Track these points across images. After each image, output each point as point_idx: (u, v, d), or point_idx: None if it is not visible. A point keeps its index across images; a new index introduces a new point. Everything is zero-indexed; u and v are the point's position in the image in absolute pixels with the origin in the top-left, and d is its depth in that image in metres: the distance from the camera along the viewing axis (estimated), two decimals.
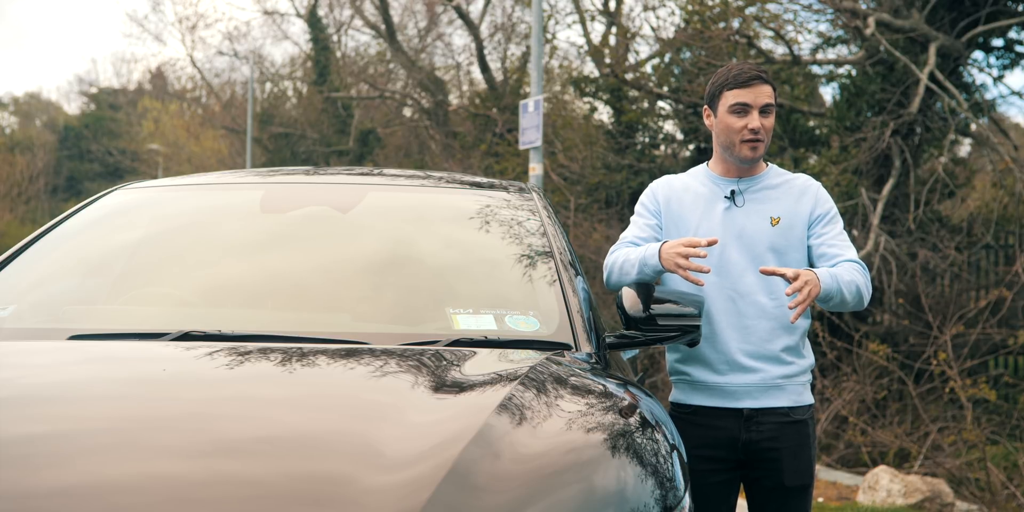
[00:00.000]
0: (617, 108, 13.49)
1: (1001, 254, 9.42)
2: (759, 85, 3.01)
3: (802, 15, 11.01)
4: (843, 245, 3.04)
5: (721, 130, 3.07)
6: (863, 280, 2.98)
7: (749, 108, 3.01)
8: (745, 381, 3.01)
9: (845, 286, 2.91)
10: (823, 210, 3.07)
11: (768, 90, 3.03)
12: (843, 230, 3.10)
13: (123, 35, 77.29)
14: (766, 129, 3.03)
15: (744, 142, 3.03)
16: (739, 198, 3.08)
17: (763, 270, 2.85)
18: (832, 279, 2.89)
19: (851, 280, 2.93)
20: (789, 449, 3.01)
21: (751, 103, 3.00)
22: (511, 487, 1.78)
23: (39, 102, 49.26)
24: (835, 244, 3.04)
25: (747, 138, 3.02)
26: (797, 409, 3.04)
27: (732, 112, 3.03)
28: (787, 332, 3.02)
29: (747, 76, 3.03)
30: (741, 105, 3.01)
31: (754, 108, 3.01)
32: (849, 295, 2.92)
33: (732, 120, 3.03)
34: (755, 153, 3.04)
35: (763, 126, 3.02)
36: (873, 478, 6.81)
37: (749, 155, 3.04)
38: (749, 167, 3.10)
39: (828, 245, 3.04)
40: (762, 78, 3.03)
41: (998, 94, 11.51)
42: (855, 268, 2.98)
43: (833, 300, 2.92)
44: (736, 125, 3.03)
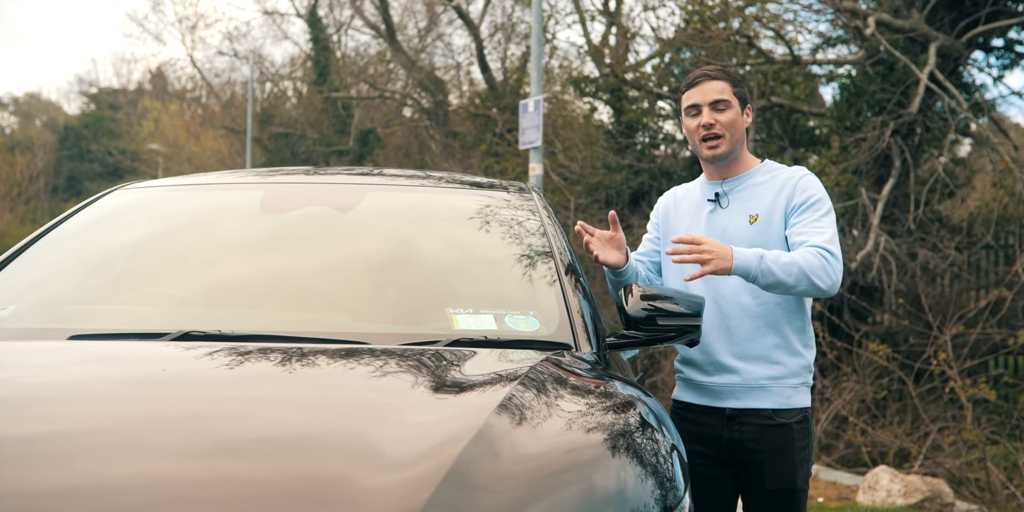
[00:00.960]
0: (617, 108, 13.49)
1: (1001, 254, 9.42)
2: (706, 82, 3.04)
3: (802, 15, 11.02)
4: (812, 231, 2.92)
5: (687, 134, 3.13)
6: (818, 264, 2.83)
7: (700, 107, 3.04)
8: (728, 381, 3.01)
9: (780, 267, 2.80)
10: (800, 199, 2.98)
11: (717, 86, 3.03)
12: (823, 217, 2.95)
13: (123, 35, 77.32)
14: (722, 124, 3.02)
15: (702, 142, 3.05)
16: (724, 199, 3.08)
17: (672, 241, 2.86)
18: (755, 257, 2.80)
19: (791, 261, 2.81)
20: (771, 452, 2.98)
21: (699, 102, 3.04)
22: (511, 487, 1.78)
23: (39, 102, 49.26)
24: (804, 231, 2.93)
25: (703, 136, 3.03)
26: (783, 412, 2.99)
27: (688, 114, 3.08)
28: (772, 330, 3.00)
29: (694, 76, 3.08)
30: (692, 106, 3.06)
31: (703, 105, 3.03)
32: (788, 277, 2.80)
33: (688, 122, 3.09)
34: (714, 152, 3.03)
35: (718, 121, 3.02)
36: (873, 478, 6.81)
37: (708, 153, 3.05)
38: (729, 167, 3.09)
39: (798, 233, 2.94)
40: (709, 76, 3.05)
41: (998, 94, 11.53)
42: (811, 252, 2.85)
43: (765, 280, 2.82)
44: (692, 125, 3.07)
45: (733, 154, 3.06)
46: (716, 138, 3.02)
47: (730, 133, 3.03)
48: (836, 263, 2.88)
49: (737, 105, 3.04)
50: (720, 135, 3.02)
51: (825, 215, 2.97)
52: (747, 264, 2.80)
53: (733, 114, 3.03)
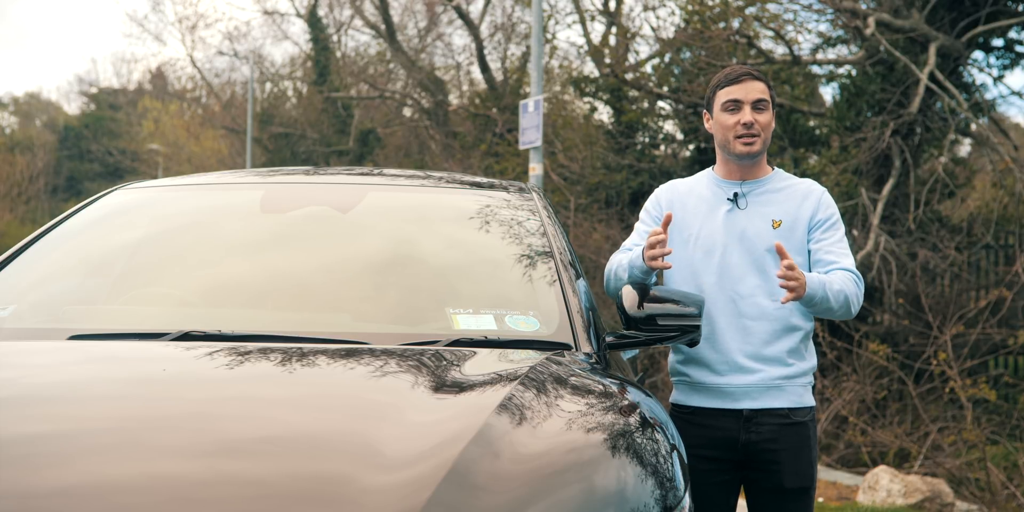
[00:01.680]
0: (617, 108, 13.49)
1: (1001, 254, 9.42)
2: (749, 81, 3.04)
3: (802, 15, 11.02)
4: (840, 253, 3.02)
5: (718, 129, 3.09)
6: (854, 291, 2.96)
7: (741, 104, 3.03)
8: (744, 382, 3.00)
9: (833, 295, 2.90)
10: (824, 215, 3.05)
11: (760, 86, 3.04)
12: (844, 238, 3.08)
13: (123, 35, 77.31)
14: (761, 125, 3.03)
15: (738, 138, 3.03)
16: (742, 200, 3.07)
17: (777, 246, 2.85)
18: (820, 285, 2.88)
19: (840, 289, 2.92)
20: (789, 451, 2.99)
21: (742, 99, 3.02)
22: (511, 487, 1.78)
23: (39, 102, 49.24)
24: (832, 251, 3.02)
25: (740, 133, 3.03)
26: (797, 411, 3.02)
27: (725, 109, 3.05)
28: (788, 334, 3.01)
29: (737, 73, 3.06)
30: (733, 101, 3.03)
31: (745, 103, 3.02)
32: (836, 304, 2.91)
33: (725, 117, 3.05)
34: (750, 148, 3.03)
35: (757, 121, 3.02)
36: (873, 478, 6.81)
37: (743, 150, 3.03)
38: (751, 168, 3.09)
39: (826, 251, 3.02)
40: (752, 75, 3.05)
41: (998, 94, 11.52)
42: (849, 278, 2.96)
43: (817, 306, 2.92)
44: (729, 121, 3.04)
45: (761, 155, 3.08)
46: (753, 137, 3.03)
47: (765, 134, 3.05)
48: (863, 289, 3.03)
49: (771, 108, 3.08)
50: (757, 134, 3.03)
51: (844, 235, 3.09)
52: (813, 292, 2.88)
53: (770, 116, 3.06)
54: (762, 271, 3.00)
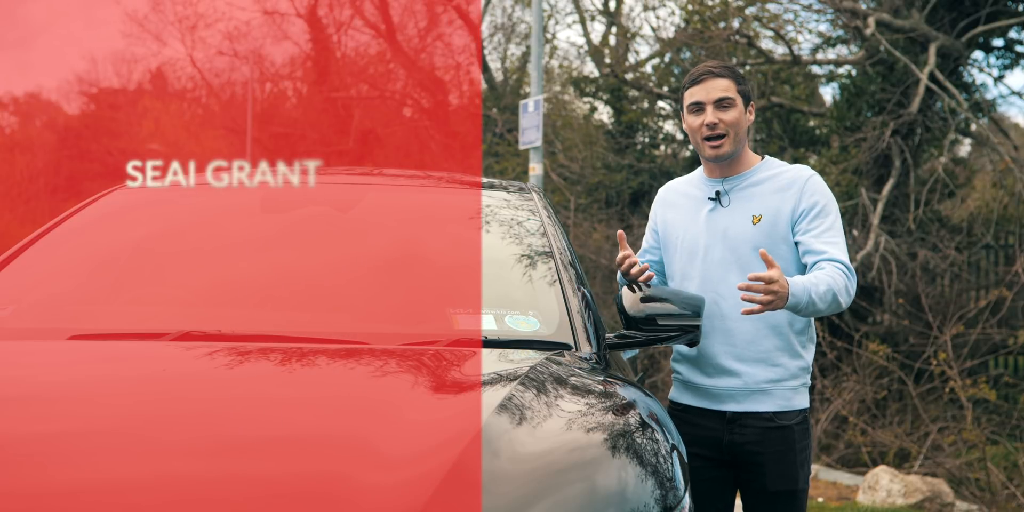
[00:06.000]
0: (617, 108, 13.49)
1: (1001, 254, 9.42)
2: (710, 80, 2.98)
3: (802, 15, 11.02)
4: (830, 241, 2.89)
5: (687, 132, 3.07)
6: (843, 284, 2.81)
7: (703, 105, 2.98)
8: (729, 384, 2.98)
9: (819, 297, 2.75)
10: (808, 204, 2.93)
11: (722, 84, 2.97)
12: (834, 225, 2.93)
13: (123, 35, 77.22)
14: (727, 123, 2.96)
15: (705, 140, 2.99)
16: (724, 198, 3.03)
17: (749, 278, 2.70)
18: (804, 291, 2.73)
19: (828, 289, 2.76)
20: (772, 454, 2.96)
21: (703, 99, 2.98)
22: (511, 487, 1.78)
23: (39, 102, 49.21)
24: (817, 241, 2.89)
25: (705, 135, 2.98)
26: (783, 414, 2.97)
27: (690, 112, 3.02)
28: (774, 332, 2.96)
29: (698, 73, 3.00)
30: (695, 104, 2.99)
31: (707, 104, 2.97)
32: (823, 305, 2.77)
33: (691, 120, 3.02)
34: (717, 152, 2.97)
35: (722, 120, 2.96)
36: (873, 478, 6.81)
37: (711, 153, 2.99)
38: (731, 165, 3.04)
39: (810, 243, 2.89)
40: (714, 73, 2.98)
41: (998, 94, 11.53)
42: (836, 272, 2.82)
43: (803, 311, 2.79)
44: (694, 124, 3.01)
45: (736, 153, 3.01)
46: (720, 138, 2.97)
47: (734, 132, 2.97)
48: (854, 279, 2.88)
49: (741, 103, 2.98)
50: (724, 134, 2.96)
51: (835, 222, 2.94)
52: (797, 301, 2.73)
53: (737, 113, 2.97)
54: (745, 270, 2.90)
